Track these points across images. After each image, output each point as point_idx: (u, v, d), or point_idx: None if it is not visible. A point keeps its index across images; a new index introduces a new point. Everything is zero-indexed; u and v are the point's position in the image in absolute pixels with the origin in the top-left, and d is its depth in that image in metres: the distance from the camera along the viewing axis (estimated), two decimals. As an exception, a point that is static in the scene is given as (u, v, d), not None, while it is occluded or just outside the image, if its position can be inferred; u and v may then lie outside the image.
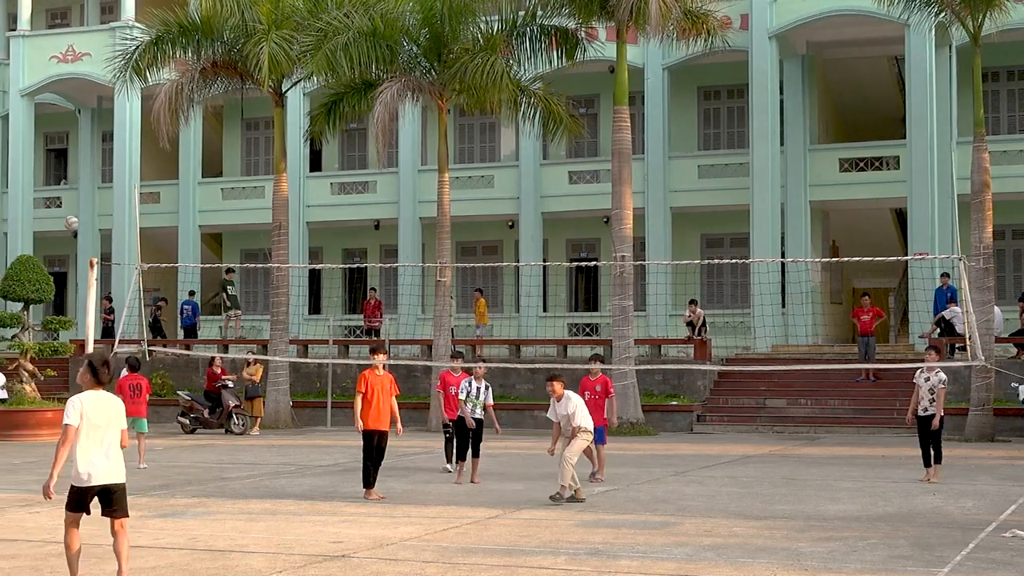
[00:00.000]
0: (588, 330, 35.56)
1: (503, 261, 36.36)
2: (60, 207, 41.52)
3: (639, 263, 29.98)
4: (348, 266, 36.98)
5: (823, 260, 32.10)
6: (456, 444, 18.05)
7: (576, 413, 15.39)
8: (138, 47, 29.94)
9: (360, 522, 13.53)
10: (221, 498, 15.83)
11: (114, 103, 38.27)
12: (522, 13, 28.87)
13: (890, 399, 27.38)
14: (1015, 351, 28.61)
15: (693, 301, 31.60)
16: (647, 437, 26.31)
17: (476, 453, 17.71)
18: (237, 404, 27.94)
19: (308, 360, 31.29)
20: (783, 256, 31.43)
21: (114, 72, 30.38)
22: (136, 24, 36.51)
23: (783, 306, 31.69)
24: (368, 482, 15.76)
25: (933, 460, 17.58)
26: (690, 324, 31.14)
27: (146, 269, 20.53)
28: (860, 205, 34.14)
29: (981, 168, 25.93)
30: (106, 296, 36.72)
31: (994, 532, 12.64)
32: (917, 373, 17.99)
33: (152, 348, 27.18)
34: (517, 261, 34.99)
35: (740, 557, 11.13)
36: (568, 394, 15.65)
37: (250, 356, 29.28)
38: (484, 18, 28.87)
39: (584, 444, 15.52)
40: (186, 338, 35.64)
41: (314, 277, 38.63)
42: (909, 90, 31.78)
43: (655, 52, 33.29)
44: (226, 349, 33.61)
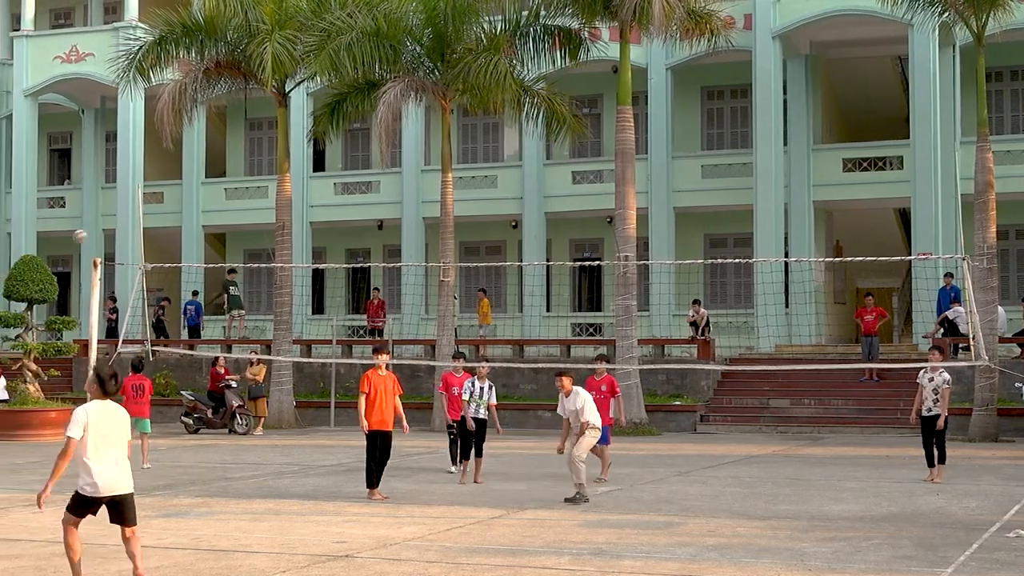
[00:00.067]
0: (591, 330, 35.55)
1: (506, 261, 36.34)
2: (64, 207, 41.56)
3: (642, 263, 29.95)
4: (351, 266, 36.99)
5: (827, 260, 32.06)
6: (460, 444, 18.08)
7: (585, 408, 15.41)
8: (142, 47, 29.97)
9: (364, 522, 13.53)
10: (225, 498, 15.85)
11: (118, 103, 38.33)
12: (525, 13, 28.88)
13: (894, 399, 27.36)
14: (1019, 351, 28.61)
15: (696, 301, 31.58)
16: (650, 437, 26.32)
17: (479, 453, 17.72)
18: (241, 404, 27.97)
19: (311, 360, 31.30)
20: (787, 256, 31.40)
21: (118, 72, 30.43)
22: (140, 24, 36.50)
23: (787, 306, 31.69)
24: (372, 482, 15.77)
25: (937, 460, 17.57)
26: (693, 324, 31.12)
27: (149, 269, 20.52)
28: (864, 205, 34.12)
29: (985, 168, 25.92)
30: (110, 296, 36.74)
31: (998, 532, 12.63)
32: (921, 373, 17.97)
33: (156, 348, 27.21)
34: (520, 261, 34.97)
35: (744, 557, 11.12)
36: (576, 389, 15.69)
37: (253, 356, 29.29)
38: (487, 18, 28.89)
39: (592, 442, 15.51)
40: (190, 338, 35.67)
41: (317, 277, 38.65)
42: (913, 90, 31.75)
43: (658, 52, 33.26)
44: (229, 349, 33.64)
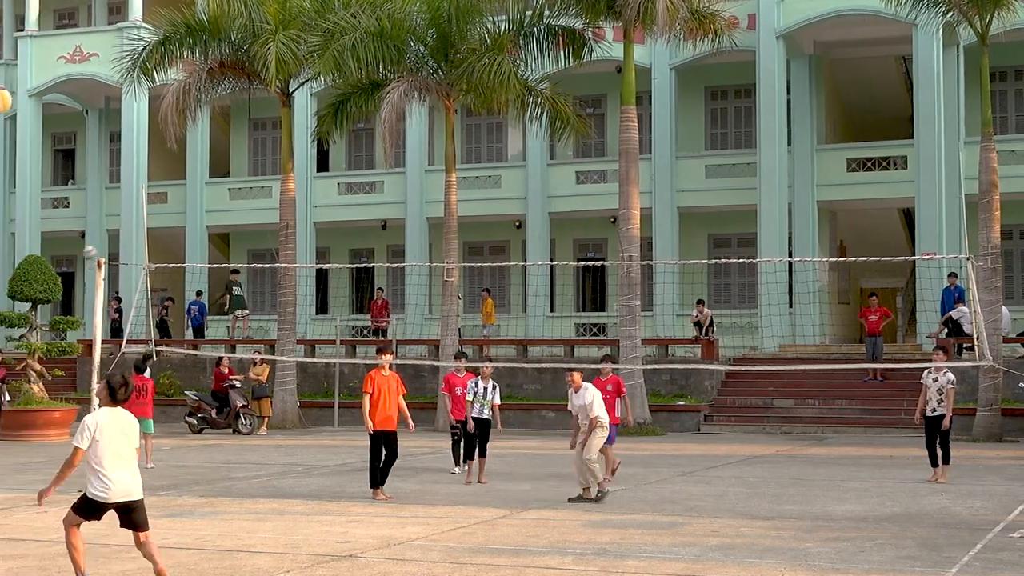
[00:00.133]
0: (595, 330, 35.54)
1: (510, 261, 36.36)
2: (68, 207, 41.61)
3: (646, 263, 29.94)
4: (355, 266, 37.00)
5: (831, 260, 32.04)
6: (464, 444, 18.08)
7: (593, 404, 15.47)
8: (145, 47, 30.00)
9: (367, 522, 13.53)
10: (228, 498, 15.85)
11: (122, 103, 38.37)
12: (529, 13, 28.88)
13: (898, 399, 27.34)
14: (1023, 351, 28.58)
15: (700, 301, 31.57)
16: (654, 437, 26.31)
17: (483, 453, 17.72)
18: (244, 404, 27.98)
19: (315, 360, 31.30)
20: (790, 256, 31.40)
21: (122, 72, 30.46)
22: (143, 24, 36.57)
23: (790, 306, 31.67)
24: (375, 482, 15.76)
25: (941, 460, 17.55)
26: (697, 324, 31.11)
27: (153, 269, 20.51)
28: (868, 205, 34.11)
29: (989, 168, 25.90)
30: (115, 296, 36.76)
31: (1002, 532, 12.61)
32: (925, 373, 17.96)
33: (160, 348, 27.22)
34: (524, 261, 34.99)
35: (747, 557, 11.12)
36: (586, 385, 15.79)
37: (256, 356, 29.31)
38: (491, 18, 28.90)
39: (601, 441, 15.55)
40: (194, 338, 35.69)
41: (321, 277, 38.66)
42: (917, 90, 31.75)
43: (662, 52, 33.26)
44: (233, 349, 33.66)
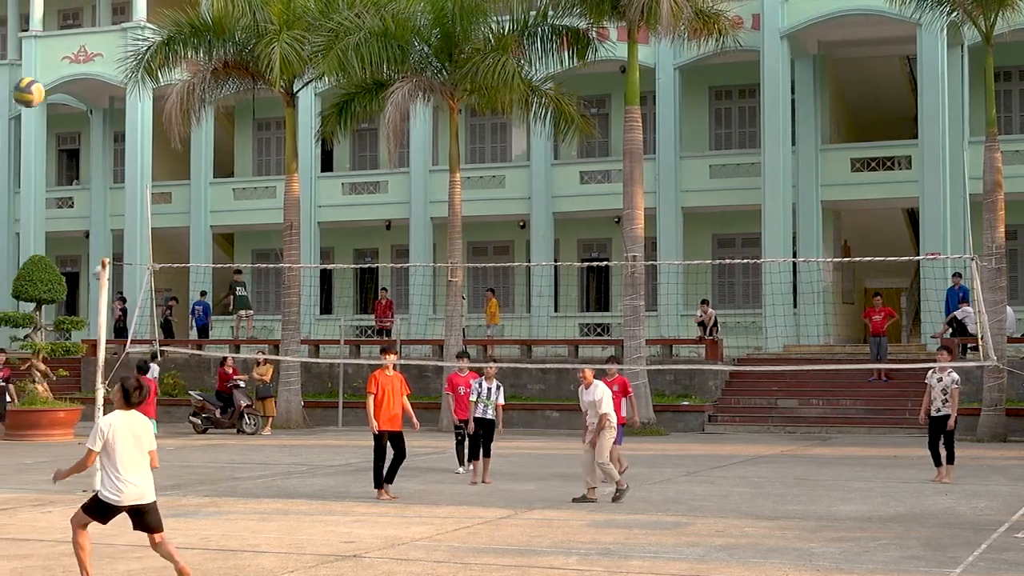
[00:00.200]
0: (599, 330, 35.54)
1: (514, 261, 36.37)
2: (72, 207, 41.66)
3: (650, 263, 29.94)
4: (359, 266, 37.03)
5: (835, 260, 32.02)
6: (469, 444, 18.08)
7: (603, 401, 15.50)
8: (150, 48, 30.01)
9: (372, 522, 13.54)
10: (233, 498, 15.86)
11: (126, 103, 38.37)
12: (533, 13, 28.88)
13: (902, 399, 27.33)
14: (1027, 351, 28.56)
15: (705, 301, 31.56)
16: (658, 437, 26.30)
17: (487, 453, 17.73)
18: (249, 404, 28.00)
19: (320, 360, 31.32)
20: (795, 256, 31.38)
21: (126, 72, 30.46)
22: (148, 25, 36.58)
23: (795, 306, 31.64)
24: (379, 483, 15.76)
25: (945, 460, 17.55)
26: (701, 324, 31.11)
27: (158, 269, 20.52)
28: (872, 205, 34.09)
29: (993, 168, 25.88)
30: (120, 297, 36.78)
31: (1007, 532, 12.61)
32: (929, 373, 17.95)
33: (164, 348, 27.21)
34: (528, 261, 35.00)
35: (752, 557, 11.11)
36: (596, 382, 15.84)
37: (259, 356, 29.33)
38: (495, 18, 28.89)
39: (610, 440, 15.58)
40: (198, 338, 35.71)
41: (325, 277, 38.68)
42: (921, 90, 31.71)
43: (666, 52, 33.26)
44: (238, 349, 33.68)
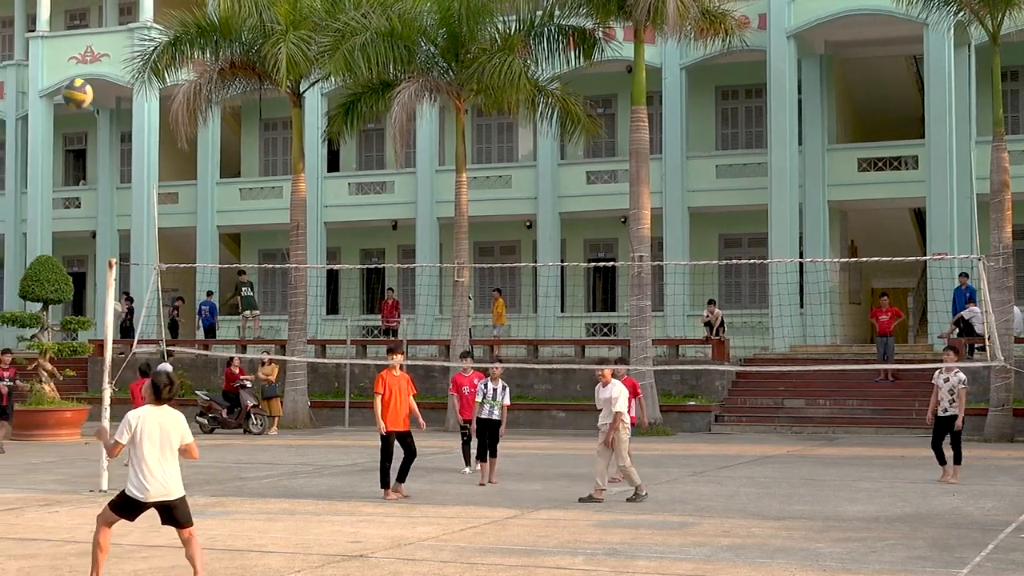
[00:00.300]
0: (606, 330, 35.52)
1: (521, 261, 36.37)
2: (79, 208, 41.68)
3: (657, 263, 29.91)
4: (366, 266, 37.03)
5: (841, 260, 31.98)
6: (476, 445, 18.07)
7: (619, 399, 15.53)
8: (156, 48, 30.04)
9: (378, 522, 13.54)
10: (239, 498, 15.88)
11: (132, 104, 38.45)
12: (540, 13, 28.89)
13: (909, 399, 27.29)
14: (1034, 351, 28.49)
15: (711, 301, 31.53)
16: (665, 437, 26.29)
17: (493, 453, 17.72)
18: (255, 404, 28.02)
19: (326, 360, 31.32)
20: (801, 256, 31.36)
21: (133, 73, 30.51)
22: (154, 25, 36.59)
23: (801, 306, 31.64)
24: (386, 483, 15.77)
25: (952, 460, 17.51)
26: (708, 324, 31.07)
27: (164, 269, 20.53)
28: (878, 205, 34.05)
29: (1000, 167, 25.85)
30: (127, 297, 36.79)
31: (1014, 533, 12.58)
32: (936, 374, 17.92)
33: (171, 348, 27.26)
34: (535, 261, 34.97)
35: (758, 558, 11.10)
36: (614, 381, 15.86)
37: (265, 356, 29.34)
38: (502, 18, 28.91)
39: (626, 441, 15.58)
40: (205, 338, 35.74)
41: (332, 277, 38.70)
42: (928, 89, 31.68)
43: (673, 52, 33.23)
44: (244, 349, 33.70)
